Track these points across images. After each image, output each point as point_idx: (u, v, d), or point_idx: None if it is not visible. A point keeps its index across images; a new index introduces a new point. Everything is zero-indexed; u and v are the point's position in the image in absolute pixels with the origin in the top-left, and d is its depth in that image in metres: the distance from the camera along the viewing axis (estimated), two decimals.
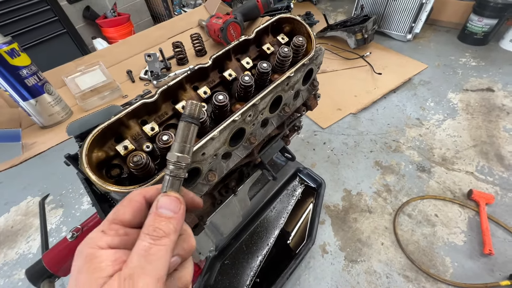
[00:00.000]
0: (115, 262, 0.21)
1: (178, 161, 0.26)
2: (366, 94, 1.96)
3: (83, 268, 0.21)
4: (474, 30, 2.24)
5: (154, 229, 0.23)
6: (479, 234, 1.21)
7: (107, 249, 0.22)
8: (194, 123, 0.26)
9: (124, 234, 0.23)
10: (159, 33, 1.06)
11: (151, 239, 0.22)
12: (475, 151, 1.55)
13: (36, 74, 0.74)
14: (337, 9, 3.14)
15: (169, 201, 0.24)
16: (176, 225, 0.24)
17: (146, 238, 0.22)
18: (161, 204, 0.24)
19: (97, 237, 0.22)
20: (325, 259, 1.21)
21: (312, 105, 0.71)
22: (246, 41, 0.53)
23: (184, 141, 0.26)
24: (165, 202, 0.24)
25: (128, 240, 0.23)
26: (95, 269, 0.20)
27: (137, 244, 0.22)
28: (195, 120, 0.26)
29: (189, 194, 0.29)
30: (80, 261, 0.22)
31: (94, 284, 0.20)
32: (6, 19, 1.96)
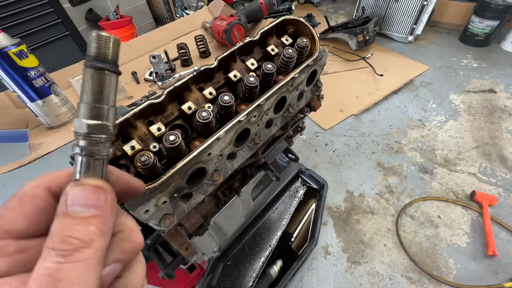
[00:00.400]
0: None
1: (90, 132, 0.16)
2: (367, 95, 1.97)
3: None
4: (476, 31, 2.25)
5: (62, 239, 0.15)
6: (482, 235, 1.21)
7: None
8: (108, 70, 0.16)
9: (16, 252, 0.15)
10: (163, 35, 1.07)
11: (59, 256, 0.14)
12: (478, 153, 1.55)
13: (43, 75, 0.75)
14: (338, 11, 3.15)
15: (84, 192, 0.16)
16: (102, 225, 0.16)
17: (50, 255, 0.14)
18: (71, 199, 0.16)
19: None
20: (327, 261, 1.21)
21: (316, 106, 0.71)
22: (251, 42, 0.53)
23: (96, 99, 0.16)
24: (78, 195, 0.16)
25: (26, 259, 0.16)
26: None
27: (37, 266, 0.14)
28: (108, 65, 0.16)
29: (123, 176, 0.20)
30: None
31: None
32: (10, 21, 1.97)
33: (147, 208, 0.39)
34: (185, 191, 0.45)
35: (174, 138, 0.39)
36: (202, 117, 0.42)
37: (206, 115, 0.42)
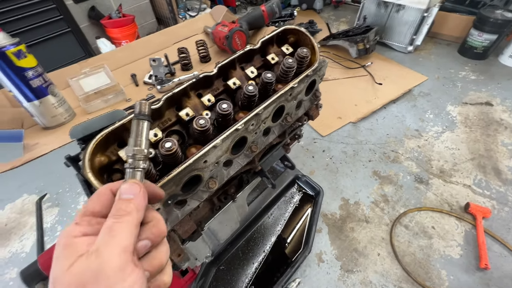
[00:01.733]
0: (89, 245, 0.24)
1: (134, 154, 0.29)
2: (366, 103, 1.98)
3: (61, 255, 0.23)
4: (474, 44, 2.28)
5: (116, 210, 0.26)
6: (475, 248, 1.21)
7: (82, 236, 0.25)
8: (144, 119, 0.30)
9: (96, 224, 0.26)
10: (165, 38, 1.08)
11: (114, 218, 0.25)
12: (473, 165, 1.56)
13: (41, 75, 0.74)
14: (340, 19, 3.18)
15: (128, 186, 0.28)
16: (137, 205, 0.27)
17: (110, 219, 0.25)
18: (121, 190, 0.27)
19: (71, 229, 0.25)
20: (321, 268, 1.20)
21: (314, 115, 0.71)
22: (251, 50, 0.54)
23: (137, 135, 0.29)
24: (125, 188, 0.27)
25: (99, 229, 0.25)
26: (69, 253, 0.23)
27: (103, 225, 0.25)
28: (145, 117, 0.30)
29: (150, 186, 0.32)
30: (58, 250, 0.24)
31: (67, 263, 0.22)
32: (11, 16, 1.96)
33: None
34: (179, 198, 0.45)
35: (170, 145, 0.39)
36: (200, 124, 0.42)
37: (203, 123, 0.42)
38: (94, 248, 0.23)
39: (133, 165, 0.29)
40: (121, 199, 0.27)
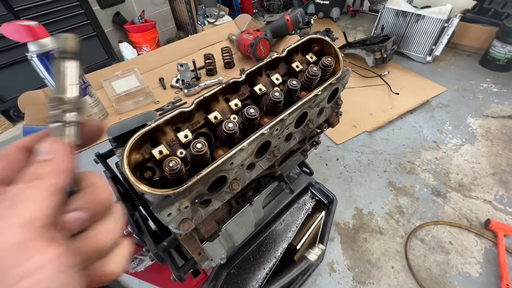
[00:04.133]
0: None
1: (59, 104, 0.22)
2: (382, 113, 1.96)
3: None
4: (497, 56, 2.22)
5: (27, 174, 0.20)
6: (496, 266, 1.16)
7: None
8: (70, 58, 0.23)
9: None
10: (191, 45, 1.12)
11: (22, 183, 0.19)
12: (494, 180, 1.51)
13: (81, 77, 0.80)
14: (356, 27, 3.18)
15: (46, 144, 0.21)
16: (55, 167, 0.20)
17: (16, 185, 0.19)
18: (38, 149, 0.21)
19: None
20: (332, 278, 1.19)
21: (334, 122, 0.72)
22: (277, 58, 0.55)
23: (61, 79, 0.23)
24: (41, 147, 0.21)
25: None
26: None
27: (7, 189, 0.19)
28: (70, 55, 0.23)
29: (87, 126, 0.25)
30: None
31: None
32: (42, 20, 2.09)
33: (170, 211, 0.41)
34: (205, 198, 0.47)
35: (201, 146, 0.40)
36: (228, 128, 0.43)
37: (232, 127, 0.44)
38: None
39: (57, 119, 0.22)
40: (36, 161, 0.20)
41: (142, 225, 0.54)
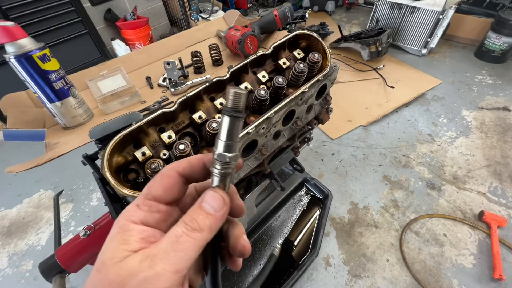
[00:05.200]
0: (142, 240, 0.22)
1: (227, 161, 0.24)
2: (377, 107, 1.95)
3: (115, 237, 0.22)
4: (492, 47, 2.21)
5: (191, 219, 0.23)
6: (489, 257, 1.18)
7: (139, 224, 0.22)
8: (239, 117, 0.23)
9: (156, 211, 0.23)
10: (178, 42, 1.10)
11: (185, 228, 0.22)
12: (488, 172, 1.51)
13: (63, 78, 0.78)
14: (351, 21, 3.15)
15: (214, 197, 0.24)
16: (212, 224, 0.23)
17: (181, 225, 0.22)
18: (206, 198, 0.24)
19: (132, 211, 0.23)
20: (328, 272, 1.20)
21: (324, 119, 0.72)
22: (263, 55, 0.55)
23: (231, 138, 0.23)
24: (210, 197, 0.24)
25: (159, 218, 0.24)
26: (124, 240, 0.21)
27: (172, 228, 0.22)
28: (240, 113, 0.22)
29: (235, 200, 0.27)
30: (114, 229, 0.22)
31: (119, 254, 0.20)
32: (32, 18, 2.05)
33: None
34: None
35: (184, 147, 0.40)
36: (212, 128, 0.43)
37: (216, 126, 0.43)
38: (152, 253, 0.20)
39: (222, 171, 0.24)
40: (201, 207, 0.23)
41: None
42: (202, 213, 0.23)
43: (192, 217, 0.23)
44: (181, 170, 0.25)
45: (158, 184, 0.24)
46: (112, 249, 0.21)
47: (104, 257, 0.20)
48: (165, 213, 0.24)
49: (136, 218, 0.22)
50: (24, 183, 1.69)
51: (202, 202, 0.24)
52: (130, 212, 0.23)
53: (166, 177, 0.24)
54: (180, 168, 0.25)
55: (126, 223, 0.22)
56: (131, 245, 0.21)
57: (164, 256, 0.20)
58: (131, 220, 0.22)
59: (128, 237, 0.21)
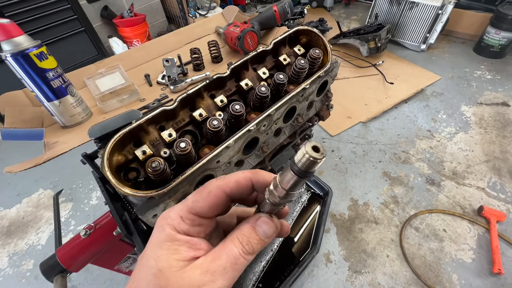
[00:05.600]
0: (190, 248, 0.23)
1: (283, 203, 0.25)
2: (376, 103, 1.95)
3: (164, 245, 0.23)
4: (491, 42, 2.21)
5: (247, 242, 0.24)
6: (488, 252, 1.18)
7: (184, 235, 0.24)
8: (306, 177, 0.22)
9: (198, 225, 0.25)
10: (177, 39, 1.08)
11: (243, 251, 0.23)
12: (487, 167, 1.52)
13: (61, 76, 0.77)
14: (350, 16, 3.13)
15: (269, 225, 0.25)
16: (260, 249, 0.25)
17: (239, 246, 0.24)
18: (261, 223, 0.25)
19: (176, 221, 0.24)
20: (328, 268, 1.20)
21: (325, 115, 0.71)
22: (263, 52, 0.54)
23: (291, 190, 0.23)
24: (265, 224, 0.25)
25: (200, 230, 0.25)
26: (175, 250, 0.22)
27: (229, 246, 0.24)
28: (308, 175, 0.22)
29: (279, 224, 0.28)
30: (160, 235, 0.23)
31: (175, 264, 0.22)
32: (27, 16, 2.03)
33: (155, 213, 0.40)
34: None
35: (184, 145, 0.39)
36: (213, 125, 0.42)
37: (217, 124, 0.42)
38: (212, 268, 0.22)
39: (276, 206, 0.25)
40: (257, 233, 0.25)
41: (132, 226, 0.53)
42: (256, 238, 0.24)
43: (248, 241, 0.24)
44: (229, 191, 0.25)
45: (204, 202, 0.25)
46: (166, 258, 0.22)
47: (161, 266, 0.22)
48: (205, 225, 0.25)
49: (180, 229, 0.24)
50: (23, 183, 1.68)
51: (257, 226, 0.25)
52: (174, 222, 0.24)
53: (213, 196, 0.25)
54: (228, 189, 0.25)
55: (173, 233, 0.23)
56: (182, 255, 0.22)
57: (223, 273, 0.22)
58: (176, 230, 0.23)
59: (178, 247, 0.23)
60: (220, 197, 0.25)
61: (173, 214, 0.24)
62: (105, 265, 0.76)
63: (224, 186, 0.25)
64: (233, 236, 0.24)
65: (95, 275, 1.23)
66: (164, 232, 0.23)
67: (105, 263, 0.75)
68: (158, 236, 0.23)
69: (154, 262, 0.22)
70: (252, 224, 0.25)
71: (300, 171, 0.21)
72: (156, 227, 0.24)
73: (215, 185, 0.25)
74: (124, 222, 0.54)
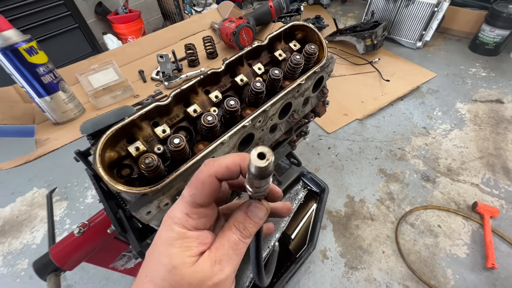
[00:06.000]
0: (200, 243, 0.25)
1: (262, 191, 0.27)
2: (373, 100, 1.96)
3: (175, 243, 0.24)
4: (486, 40, 2.22)
5: (244, 227, 0.26)
6: (482, 247, 1.20)
7: (194, 230, 0.25)
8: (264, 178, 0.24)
9: (204, 216, 0.26)
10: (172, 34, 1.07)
11: (241, 236, 0.26)
12: (482, 163, 1.54)
13: (52, 72, 0.75)
14: (347, 14, 3.13)
15: (260, 208, 0.27)
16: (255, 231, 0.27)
17: (237, 232, 0.26)
18: (252, 208, 0.27)
19: (183, 219, 0.25)
20: (325, 265, 1.21)
21: (321, 112, 0.71)
22: (259, 47, 0.53)
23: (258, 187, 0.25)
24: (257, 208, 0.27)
25: (206, 221, 0.26)
26: (186, 247, 0.24)
27: (228, 234, 0.26)
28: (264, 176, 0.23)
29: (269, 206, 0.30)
30: (172, 235, 0.24)
31: (188, 260, 0.23)
32: (20, 12, 1.99)
33: (149, 210, 0.40)
34: None
35: (178, 142, 0.39)
36: (207, 121, 0.42)
37: (211, 120, 0.42)
38: (218, 258, 0.24)
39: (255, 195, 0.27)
40: (251, 218, 0.27)
41: (126, 223, 0.53)
42: (251, 222, 0.27)
43: (244, 226, 0.26)
44: (220, 176, 0.26)
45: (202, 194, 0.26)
46: (179, 256, 0.23)
47: (175, 263, 0.23)
48: (210, 215, 0.27)
49: (189, 225, 0.25)
50: (16, 182, 1.66)
51: (249, 212, 0.27)
52: (181, 220, 0.25)
53: (208, 185, 0.26)
54: (219, 175, 0.26)
55: (183, 231, 0.24)
56: (193, 251, 0.24)
57: (229, 259, 0.24)
58: (186, 227, 0.25)
59: (189, 244, 0.24)
60: (214, 183, 0.26)
61: (178, 213, 0.25)
62: (100, 264, 0.75)
63: (215, 173, 0.26)
64: (230, 224, 0.26)
65: (90, 274, 1.22)
66: (174, 231, 0.24)
67: (99, 261, 0.74)
68: (167, 235, 0.24)
69: (167, 260, 0.23)
70: (244, 211, 0.27)
71: (255, 174, 0.22)
72: (163, 228, 0.25)
73: (207, 174, 0.25)
74: (118, 220, 0.53)
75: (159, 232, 0.25)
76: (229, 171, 0.26)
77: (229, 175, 0.26)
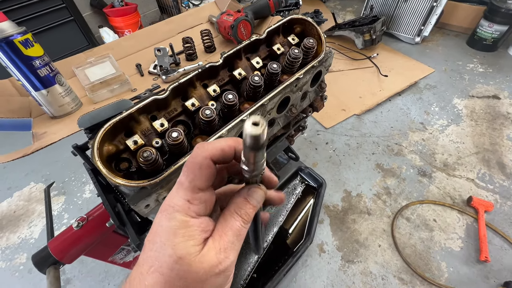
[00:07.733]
0: (202, 231, 0.24)
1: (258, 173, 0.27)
2: (371, 95, 1.96)
3: (179, 232, 0.23)
4: (484, 36, 2.22)
5: (245, 213, 0.26)
6: (476, 241, 1.22)
7: (197, 217, 0.25)
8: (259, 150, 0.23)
9: (204, 201, 0.26)
10: (169, 28, 1.06)
11: (243, 222, 0.26)
12: (477, 158, 1.55)
13: (48, 64, 0.74)
14: (346, 8, 3.11)
15: (258, 192, 0.28)
16: (253, 213, 0.27)
17: (238, 219, 0.26)
18: (251, 193, 0.28)
19: (185, 206, 0.24)
20: (322, 258, 1.22)
21: (319, 106, 0.71)
22: (257, 40, 0.53)
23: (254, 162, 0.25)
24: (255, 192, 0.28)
25: (206, 206, 0.26)
26: (190, 236, 0.24)
27: (231, 222, 0.26)
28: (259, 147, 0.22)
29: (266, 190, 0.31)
30: (175, 223, 0.24)
31: (193, 250, 0.23)
32: (14, 4, 1.95)
33: (148, 203, 0.40)
34: None
35: (177, 135, 0.39)
36: (206, 115, 0.42)
37: (209, 113, 0.42)
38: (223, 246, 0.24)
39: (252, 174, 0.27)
40: (250, 202, 0.27)
41: (124, 217, 0.53)
42: (250, 206, 0.27)
43: (245, 212, 0.26)
44: (216, 159, 0.26)
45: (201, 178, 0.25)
46: (183, 246, 0.23)
47: (180, 253, 0.23)
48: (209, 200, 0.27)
49: (192, 212, 0.24)
50: (13, 176, 1.65)
51: (249, 197, 0.27)
52: (183, 207, 0.24)
53: (205, 168, 0.25)
54: (215, 157, 0.26)
55: (186, 219, 0.24)
56: (197, 239, 0.24)
57: (232, 247, 0.25)
58: (189, 215, 0.24)
59: (192, 233, 0.24)
60: (211, 165, 0.26)
61: (179, 201, 0.25)
62: (99, 257, 0.76)
63: (211, 155, 0.26)
64: (231, 210, 0.26)
65: (89, 267, 1.23)
66: (176, 219, 0.24)
67: (98, 254, 0.75)
68: (169, 224, 0.24)
69: (172, 250, 0.23)
70: (244, 196, 0.27)
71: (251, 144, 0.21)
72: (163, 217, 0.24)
73: (202, 156, 0.25)
74: (117, 213, 0.53)
75: (159, 221, 0.24)
76: (224, 153, 0.26)
77: (224, 158, 0.26)
